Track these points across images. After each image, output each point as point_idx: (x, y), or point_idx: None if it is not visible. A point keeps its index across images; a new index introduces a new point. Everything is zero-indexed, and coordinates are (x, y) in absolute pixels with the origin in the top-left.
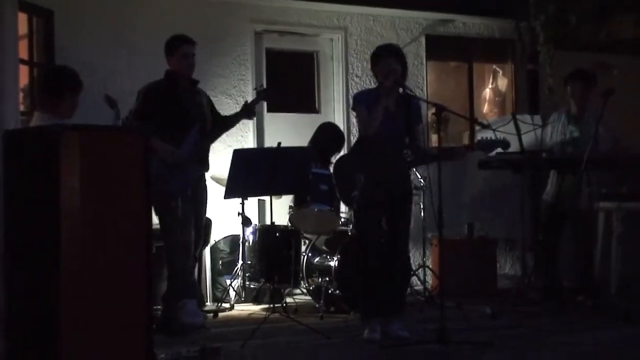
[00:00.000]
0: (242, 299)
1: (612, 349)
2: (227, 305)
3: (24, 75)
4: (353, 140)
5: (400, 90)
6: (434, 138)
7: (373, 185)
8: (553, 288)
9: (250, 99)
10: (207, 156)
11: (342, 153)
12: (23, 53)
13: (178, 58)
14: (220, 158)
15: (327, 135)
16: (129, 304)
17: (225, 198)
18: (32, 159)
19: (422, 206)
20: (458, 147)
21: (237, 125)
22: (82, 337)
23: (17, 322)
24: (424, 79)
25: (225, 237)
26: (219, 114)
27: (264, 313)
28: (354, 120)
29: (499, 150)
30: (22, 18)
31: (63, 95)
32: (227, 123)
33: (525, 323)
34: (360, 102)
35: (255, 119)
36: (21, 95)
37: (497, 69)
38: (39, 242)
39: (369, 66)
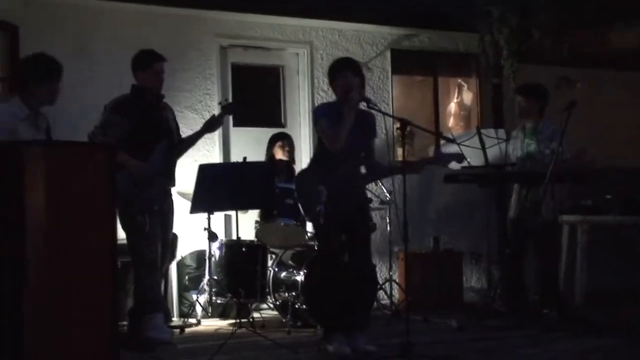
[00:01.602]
0: (209, 314)
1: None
2: (193, 320)
3: None
4: None
5: (364, 104)
6: (399, 152)
7: (337, 198)
8: (519, 301)
9: (216, 113)
10: (174, 171)
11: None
12: None
13: (150, 74)
14: (186, 173)
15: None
16: (94, 319)
17: (191, 213)
18: None
19: (388, 220)
20: (412, 162)
21: (203, 139)
22: (47, 353)
23: None
24: (389, 93)
25: (191, 253)
26: (180, 135)
27: (231, 328)
28: None
29: (456, 164)
30: None
31: (29, 84)
32: (190, 141)
33: (491, 336)
34: (321, 116)
35: (221, 133)
36: None
37: (462, 82)
38: (3, 258)
39: None
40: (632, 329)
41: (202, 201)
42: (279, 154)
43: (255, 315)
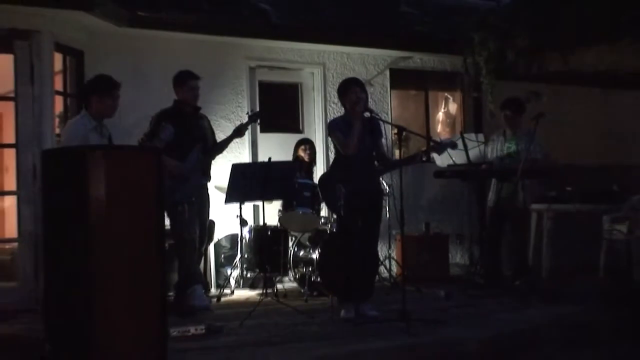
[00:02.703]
0: (241, 286)
1: (542, 324)
2: (228, 291)
3: (59, 104)
4: (331, 155)
5: (367, 114)
6: (397, 154)
7: (353, 194)
8: (495, 274)
9: (243, 121)
10: (209, 169)
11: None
12: (59, 86)
13: (186, 90)
14: (221, 171)
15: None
16: (147, 290)
17: (225, 203)
18: (66, 173)
19: (387, 208)
20: (416, 153)
21: (236, 143)
22: (110, 318)
23: (55, 308)
24: (388, 105)
25: (226, 236)
26: (215, 139)
27: (259, 297)
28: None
29: (450, 161)
30: (58, 57)
31: (94, 98)
32: (223, 144)
33: (472, 303)
34: (335, 129)
35: (250, 138)
36: (57, 120)
37: (449, 96)
38: (72, 241)
39: None
40: (587, 296)
41: (235, 194)
42: (302, 155)
43: (279, 286)
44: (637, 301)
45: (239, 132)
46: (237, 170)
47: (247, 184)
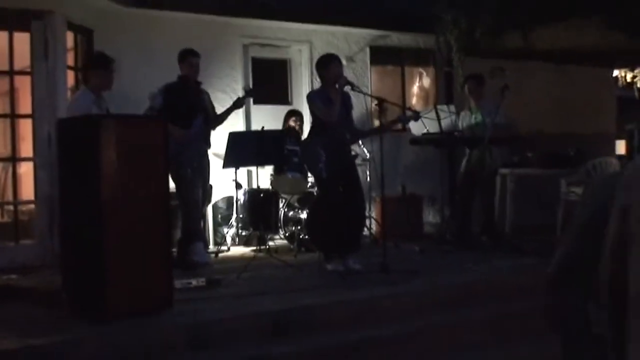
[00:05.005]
0: (236, 243)
1: (506, 273)
2: (225, 248)
3: (71, 78)
4: None
5: (350, 87)
6: (376, 123)
7: (333, 158)
8: (464, 231)
9: (240, 95)
10: (209, 137)
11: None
12: (71, 61)
13: (187, 66)
14: (219, 139)
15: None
16: (154, 245)
17: (223, 168)
18: (80, 139)
19: (368, 173)
20: (377, 127)
21: (232, 115)
22: (121, 270)
23: (71, 262)
24: (368, 79)
25: (223, 198)
26: (215, 112)
27: (253, 253)
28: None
29: (424, 130)
30: (70, 35)
31: (91, 73)
32: (223, 115)
33: (444, 256)
34: (315, 99)
35: (244, 109)
36: (69, 92)
37: (422, 71)
38: (85, 200)
39: None
40: (544, 251)
41: (231, 159)
42: (293, 125)
43: (271, 243)
44: None
45: (237, 105)
46: (233, 138)
47: (242, 150)
